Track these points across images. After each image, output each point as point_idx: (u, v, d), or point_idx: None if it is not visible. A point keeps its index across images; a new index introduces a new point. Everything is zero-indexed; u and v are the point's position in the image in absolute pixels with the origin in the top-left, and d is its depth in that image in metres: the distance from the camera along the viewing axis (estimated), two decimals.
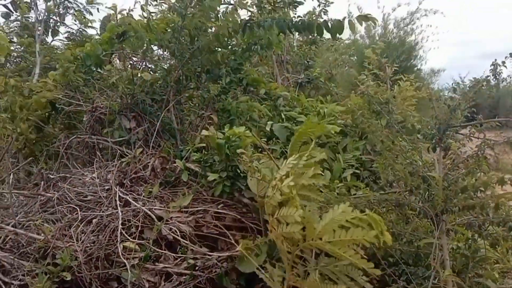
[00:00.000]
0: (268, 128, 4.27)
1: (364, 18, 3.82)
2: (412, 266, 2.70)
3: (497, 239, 2.72)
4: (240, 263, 3.23)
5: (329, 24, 3.85)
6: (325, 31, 3.89)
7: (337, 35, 3.88)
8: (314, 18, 7.78)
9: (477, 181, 2.45)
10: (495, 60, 2.94)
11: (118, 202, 3.41)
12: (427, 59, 15.80)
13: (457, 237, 2.84)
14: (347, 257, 1.77)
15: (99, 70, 5.26)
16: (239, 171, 3.71)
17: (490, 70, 2.92)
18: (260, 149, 3.87)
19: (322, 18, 7.99)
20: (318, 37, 8.28)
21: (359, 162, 3.86)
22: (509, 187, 2.72)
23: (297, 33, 6.48)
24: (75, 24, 8.15)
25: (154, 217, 3.40)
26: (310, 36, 8.18)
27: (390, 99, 2.97)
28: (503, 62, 2.90)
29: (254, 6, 6.52)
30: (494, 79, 2.92)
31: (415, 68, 14.05)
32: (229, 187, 3.68)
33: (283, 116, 4.52)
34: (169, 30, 4.66)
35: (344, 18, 3.78)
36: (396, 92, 3.95)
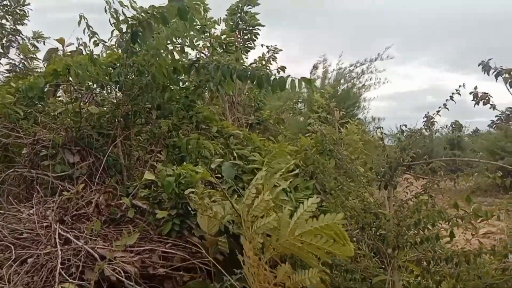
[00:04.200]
0: (213, 166, 4.22)
1: (306, 81, 3.96)
2: None
3: (443, 276, 2.80)
4: None
5: (272, 78, 3.95)
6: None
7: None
8: (263, 64, 8.04)
9: (426, 216, 2.54)
10: (428, 112, 3.15)
11: (57, 240, 3.17)
12: (369, 109, 16.80)
13: (407, 275, 2.89)
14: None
15: (42, 103, 5.07)
16: (189, 209, 3.60)
17: (423, 121, 3.12)
18: (211, 186, 3.81)
19: (271, 64, 8.28)
20: None
21: None
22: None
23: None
24: (18, 56, 7.87)
25: (96, 256, 3.18)
26: None
27: (342, 138, 3.08)
28: (438, 111, 3.09)
29: (205, 49, 6.66)
30: (428, 130, 3.11)
31: (357, 118, 14.85)
32: (179, 226, 3.55)
33: (235, 155, 4.52)
34: (117, 64, 4.60)
35: (288, 76, 3.88)
36: (344, 134, 4.12)
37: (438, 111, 2.90)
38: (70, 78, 4.72)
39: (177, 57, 4.63)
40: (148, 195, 3.78)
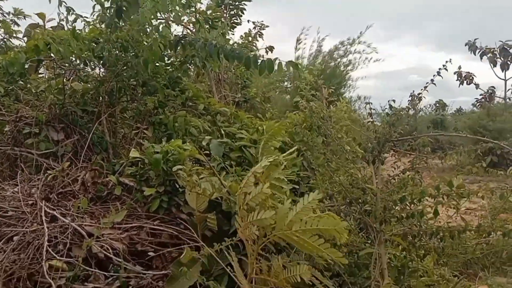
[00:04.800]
0: (204, 143, 4.21)
1: (294, 65, 3.98)
2: (351, 277, 2.76)
3: (428, 251, 2.88)
4: (169, 285, 3.05)
5: (259, 60, 3.88)
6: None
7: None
8: (250, 40, 7.95)
9: (413, 192, 2.59)
10: (413, 91, 3.16)
11: (43, 218, 3.14)
12: (357, 87, 16.83)
13: (393, 248, 2.95)
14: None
15: (23, 79, 4.94)
16: (177, 186, 3.59)
17: (408, 101, 3.13)
18: (199, 164, 3.79)
19: (258, 41, 8.19)
20: None
21: (298, 178, 3.92)
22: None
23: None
24: None
25: (84, 233, 3.17)
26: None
27: (330, 114, 3.09)
28: (426, 87, 3.10)
29: (191, 25, 6.54)
30: (412, 109, 3.12)
31: (343, 96, 14.87)
32: (167, 203, 3.55)
33: (222, 132, 4.50)
34: (100, 39, 4.49)
35: (276, 59, 3.85)
36: (332, 111, 4.12)
37: (425, 87, 2.92)
38: (52, 54, 4.60)
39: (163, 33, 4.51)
40: (135, 173, 3.75)
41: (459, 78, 16.66)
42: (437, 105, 26.16)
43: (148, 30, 4.42)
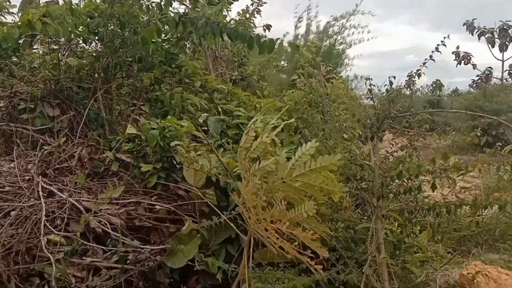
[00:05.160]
0: (201, 121, 4.19)
1: (294, 46, 4.22)
2: (348, 251, 2.79)
3: (424, 226, 2.91)
4: (168, 258, 3.09)
5: (261, 40, 3.84)
6: None
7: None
8: (247, 17, 7.81)
9: (409, 168, 2.60)
10: (411, 71, 3.13)
11: (40, 193, 3.14)
12: (352, 65, 16.64)
13: (389, 223, 2.98)
14: (318, 185, 1.84)
15: (17, 54, 4.85)
16: (175, 162, 3.59)
17: (405, 81, 3.11)
18: (196, 141, 3.78)
19: (255, 17, 8.05)
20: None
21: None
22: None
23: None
24: None
25: (81, 208, 3.17)
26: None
27: (328, 92, 3.07)
28: (424, 63, 3.07)
29: (187, 0, 6.41)
30: (408, 90, 3.10)
31: (340, 75, 14.75)
32: (164, 179, 3.55)
33: (219, 109, 4.47)
34: (96, 15, 4.39)
35: (278, 39, 3.87)
36: (329, 89, 4.10)
37: (424, 63, 2.90)
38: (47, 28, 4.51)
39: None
40: (132, 149, 3.74)
41: (456, 58, 16.55)
42: (434, 85, 25.94)
43: (149, 6, 4.31)
